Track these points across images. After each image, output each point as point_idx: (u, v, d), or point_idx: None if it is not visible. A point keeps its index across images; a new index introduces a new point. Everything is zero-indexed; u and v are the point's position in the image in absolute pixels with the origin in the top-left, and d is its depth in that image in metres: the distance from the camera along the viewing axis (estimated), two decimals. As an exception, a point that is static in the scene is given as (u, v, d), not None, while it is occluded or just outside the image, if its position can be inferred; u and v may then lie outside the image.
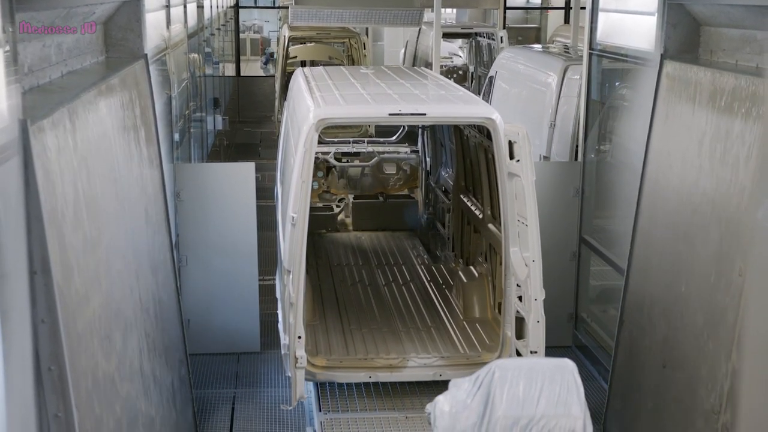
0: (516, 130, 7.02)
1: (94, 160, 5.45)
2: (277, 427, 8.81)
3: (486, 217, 9.06)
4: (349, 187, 12.87)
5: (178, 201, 9.94)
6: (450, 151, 11.03)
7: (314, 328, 8.51)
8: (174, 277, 8.17)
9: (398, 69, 11.19)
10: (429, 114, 7.53)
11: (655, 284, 7.51)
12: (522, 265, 7.08)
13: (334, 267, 10.88)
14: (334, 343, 8.24)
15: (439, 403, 5.05)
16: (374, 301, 9.56)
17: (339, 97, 8.11)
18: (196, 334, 10.01)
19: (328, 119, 7.24)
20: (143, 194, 7.12)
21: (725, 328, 6.05)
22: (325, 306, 9.36)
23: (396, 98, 8.04)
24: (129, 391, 5.72)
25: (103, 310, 5.22)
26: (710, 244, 6.55)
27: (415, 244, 11.86)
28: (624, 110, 9.28)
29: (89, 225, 5.19)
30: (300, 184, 6.94)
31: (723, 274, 6.23)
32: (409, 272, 10.59)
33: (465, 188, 10.28)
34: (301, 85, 9.23)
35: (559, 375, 5.02)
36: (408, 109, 7.44)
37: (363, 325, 8.77)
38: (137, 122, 7.14)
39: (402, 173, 12.76)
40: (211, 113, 19.15)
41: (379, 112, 7.65)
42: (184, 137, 13.04)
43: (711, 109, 6.78)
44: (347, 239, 12.26)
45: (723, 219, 6.40)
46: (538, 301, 6.90)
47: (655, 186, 7.65)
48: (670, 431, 6.93)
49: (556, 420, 4.98)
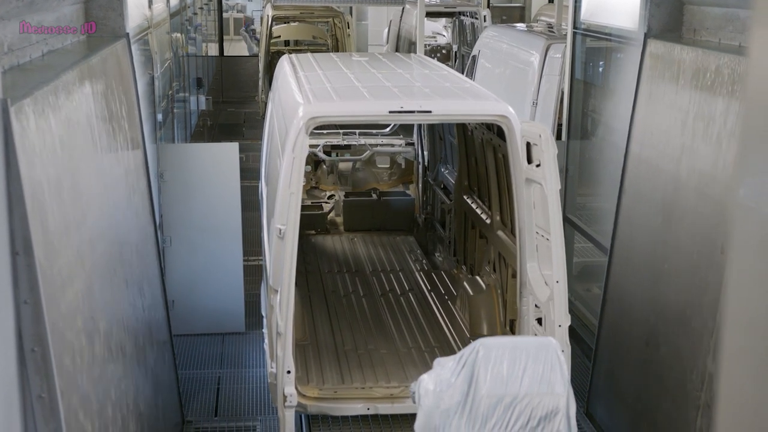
0: (537, 131, 6.16)
1: (75, 141, 5.42)
2: (262, 407, 8.82)
3: (495, 224, 8.03)
4: (340, 183, 11.90)
5: (162, 181, 9.90)
6: (450, 145, 10.09)
7: (304, 350, 7.57)
8: (158, 257, 8.15)
9: (394, 57, 10.31)
10: (435, 111, 6.59)
11: (639, 263, 7.54)
12: (541, 284, 6.27)
13: (324, 274, 9.84)
14: (327, 369, 7.28)
15: (424, 382, 5.06)
16: (370, 316, 8.55)
17: (331, 91, 7.17)
18: (180, 315, 10.00)
19: (319, 117, 6.37)
20: (126, 175, 7.08)
21: (708, 306, 6.09)
22: (316, 321, 8.38)
23: (396, 92, 7.12)
24: (113, 372, 5.72)
25: (87, 291, 5.21)
26: (693, 223, 6.58)
27: (412, 247, 10.84)
28: (607, 89, 9.29)
29: (72, 206, 5.16)
30: (288, 196, 6.03)
31: (705, 253, 6.27)
32: (407, 280, 9.57)
33: (469, 188, 9.26)
34: (287, 75, 8.34)
35: (542, 353, 5.04)
36: (411, 106, 6.51)
37: (359, 344, 7.82)
38: (119, 102, 7.09)
39: (396, 167, 11.86)
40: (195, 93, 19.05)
41: (378, 109, 6.70)
42: (168, 117, 12.98)
43: (694, 87, 6.80)
44: (338, 242, 11.13)
45: (706, 197, 6.43)
46: (563, 327, 6.05)
47: (639, 165, 7.68)
48: (653, 408, 6.98)
49: (540, 398, 5.00)
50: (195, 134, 18.71)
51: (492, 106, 6.69)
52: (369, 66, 8.75)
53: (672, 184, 6.99)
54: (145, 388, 6.87)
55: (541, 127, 6.20)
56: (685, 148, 6.83)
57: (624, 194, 7.88)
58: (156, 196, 9.21)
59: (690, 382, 6.27)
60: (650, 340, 7.16)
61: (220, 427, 8.52)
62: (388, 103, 6.65)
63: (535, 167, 6.17)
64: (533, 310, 6.36)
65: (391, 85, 7.48)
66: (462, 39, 21.29)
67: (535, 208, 6.29)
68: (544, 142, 6.04)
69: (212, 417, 8.73)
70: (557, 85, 11.24)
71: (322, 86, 7.37)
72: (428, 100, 6.84)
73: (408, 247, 10.79)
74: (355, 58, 9.78)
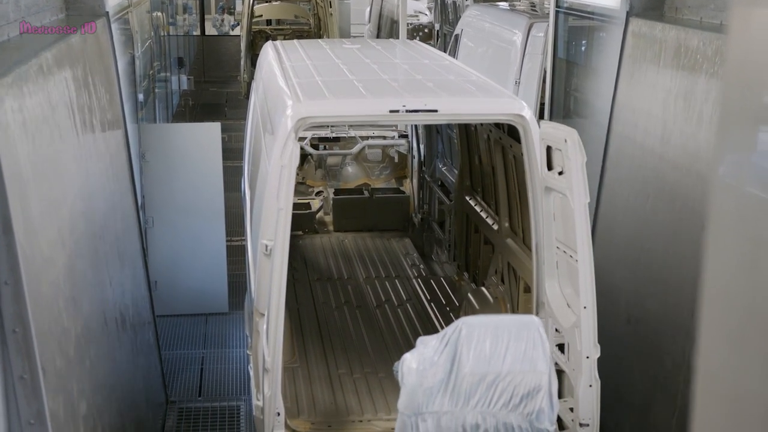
0: (561, 135, 5.29)
1: (55, 121, 5.37)
2: (246, 387, 8.83)
3: (503, 231, 7.28)
4: (328, 179, 11.08)
5: (143, 162, 9.85)
6: (449, 139, 9.43)
7: (293, 374, 6.85)
8: (140, 238, 8.12)
9: (389, 44, 9.45)
10: (442, 110, 5.73)
11: (620, 240, 7.58)
12: (563, 308, 5.60)
13: (313, 282, 9.03)
14: (319, 397, 6.57)
15: (407, 361, 5.07)
16: (365, 332, 7.78)
17: (322, 86, 6.36)
18: (163, 296, 9.99)
19: (310, 118, 5.58)
20: (107, 155, 7.03)
21: (688, 282, 6.13)
22: (306, 339, 7.61)
23: (396, 88, 6.37)
24: (96, 352, 5.70)
25: (69, 272, 5.18)
26: (674, 200, 6.61)
27: (408, 249, 10.04)
28: (590, 68, 9.29)
29: (52, 186, 5.13)
30: (276, 212, 5.22)
31: (686, 229, 6.31)
32: (404, 288, 8.82)
33: (471, 188, 8.47)
34: (273, 66, 7.52)
35: (524, 331, 5.06)
36: (414, 104, 5.67)
37: (354, 366, 7.09)
38: (99, 82, 7.03)
39: (389, 161, 10.96)
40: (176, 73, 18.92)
41: (377, 108, 5.82)
42: (149, 97, 12.89)
43: (676, 66, 6.81)
44: (328, 243, 10.30)
45: (688, 175, 6.46)
46: (591, 359, 5.32)
47: (621, 142, 7.70)
48: (635, 384, 7.04)
49: (522, 376, 5.03)
50: (177, 114, 18.61)
51: (507, 104, 5.92)
52: (362, 55, 7.98)
53: (654, 162, 7.02)
54: (128, 368, 6.86)
55: (567, 130, 5.30)
56: (666, 127, 6.85)
57: (606, 173, 7.91)
58: (138, 177, 9.16)
59: (670, 358, 6.32)
60: (632, 316, 7.21)
61: (203, 407, 8.53)
62: (388, 101, 5.82)
63: (557, 175, 5.39)
64: (553, 334, 5.64)
65: (389, 78, 6.74)
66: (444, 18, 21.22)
67: (555, 220, 5.58)
68: (570, 148, 5.17)
69: (196, 397, 8.74)
70: (540, 64, 11.22)
71: (312, 80, 6.60)
72: (434, 97, 5.95)
73: (403, 250, 10.02)
74: (346, 45, 9.08)
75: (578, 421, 5.38)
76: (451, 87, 6.54)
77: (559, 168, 5.37)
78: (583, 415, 5.36)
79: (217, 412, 8.45)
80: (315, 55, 7.90)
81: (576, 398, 5.40)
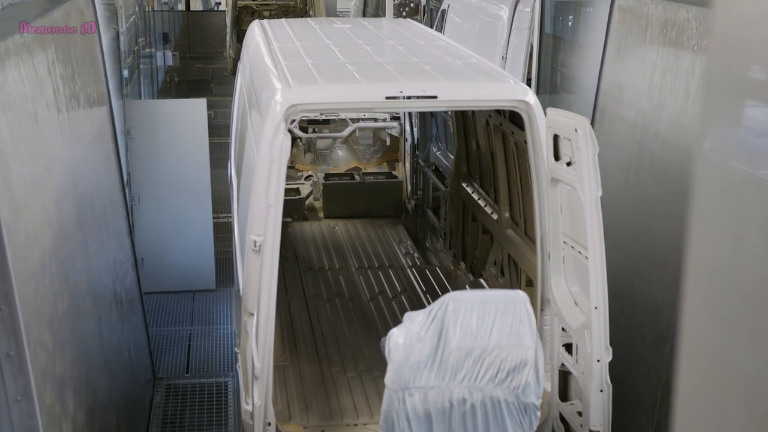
0: (571, 123, 4.95)
1: (38, 96, 5.33)
2: (233, 363, 8.85)
3: (503, 221, 7.02)
4: (318, 162, 10.81)
5: (129, 138, 9.81)
6: (444, 122, 9.04)
7: (284, 373, 6.52)
8: (126, 215, 8.09)
9: (380, 22, 9.10)
10: (442, 96, 5.42)
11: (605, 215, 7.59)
12: (570, 305, 5.33)
13: (304, 272, 8.69)
14: (311, 399, 6.24)
15: (394, 336, 5.09)
16: (359, 326, 7.43)
17: (313, 70, 6.01)
18: (150, 273, 9.98)
19: (301, 105, 5.26)
20: (91, 131, 6.99)
21: (673, 257, 6.16)
22: (297, 335, 7.26)
23: (392, 72, 6.01)
24: (83, 330, 5.70)
25: (55, 249, 5.16)
26: (661, 174, 6.63)
27: (401, 237, 9.73)
28: (576, 43, 9.28)
29: (36, 162, 5.10)
30: (266, 208, 4.85)
31: (672, 205, 6.33)
32: (398, 278, 8.50)
33: (468, 174, 8.19)
34: (260, 46, 7.18)
35: (511, 306, 5.07)
36: (412, 90, 5.37)
37: (348, 364, 6.75)
38: (83, 58, 6.98)
39: (380, 144, 10.67)
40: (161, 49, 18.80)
41: (373, 94, 5.49)
42: (134, 74, 12.81)
43: (662, 40, 6.81)
44: (318, 231, 9.98)
45: (674, 149, 6.47)
46: (602, 363, 5.07)
47: (608, 118, 7.70)
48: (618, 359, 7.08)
49: (509, 350, 5.05)
50: (162, 91, 18.51)
51: (510, 90, 5.61)
52: (354, 36, 7.61)
53: (641, 137, 7.03)
54: (115, 345, 6.86)
55: (577, 119, 4.94)
56: (653, 102, 6.85)
57: (592, 148, 7.92)
58: (123, 154, 9.12)
59: (654, 329, 6.36)
60: (617, 292, 7.25)
61: (191, 384, 8.55)
62: (384, 86, 5.49)
63: (564, 166, 5.07)
64: (559, 333, 5.37)
65: (385, 61, 6.39)
66: (431, -7, 21.12)
67: (562, 213, 5.28)
68: (581, 138, 4.85)
69: (183, 374, 8.76)
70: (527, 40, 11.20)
71: (302, 63, 6.25)
72: (433, 82, 5.66)
73: (396, 237, 9.71)
74: (336, 25, 8.74)
75: (588, 427, 5.16)
76: (451, 71, 6.21)
77: (567, 158, 5.05)
78: (593, 421, 5.12)
79: (205, 388, 8.47)
80: (304, 36, 7.57)
81: (586, 403, 5.16)
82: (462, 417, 5.12)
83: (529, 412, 5.14)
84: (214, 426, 7.90)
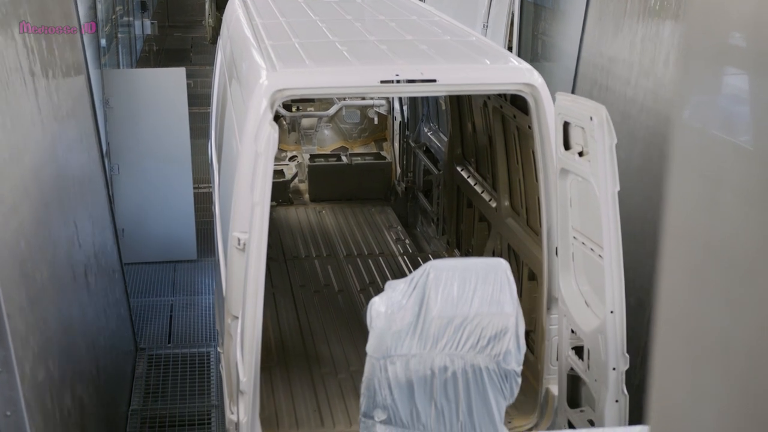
0: (586, 111, 4.44)
1: (12, 67, 5.27)
2: (215, 333, 8.86)
3: (503, 209, 6.60)
4: (303, 142, 10.32)
5: (107, 108, 9.73)
6: (435, 101, 8.56)
7: (271, 375, 6.07)
8: (105, 186, 8.05)
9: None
10: (441, 80, 4.99)
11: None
12: (582, 307, 4.89)
13: (289, 261, 8.19)
14: (301, 403, 5.82)
15: (375, 305, 5.09)
16: (349, 321, 7.01)
17: (300, 50, 5.53)
18: (131, 243, 9.94)
19: (288, 90, 4.80)
20: (69, 102, 6.93)
21: (651, 222, 6.20)
22: (284, 332, 6.79)
23: (386, 52, 5.53)
24: (63, 300, 5.68)
25: (34, 220, 5.13)
26: (640, 141, 6.65)
27: (391, 221, 9.27)
28: (558, 11, 9.25)
29: (11, 133, 5.05)
30: (251, 207, 4.36)
31: (653, 171, 6.36)
32: (389, 267, 8.10)
33: (463, 157, 7.75)
34: (241, 23, 6.70)
35: (492, 274, 5.08)
36: (409, 73, 4.93)
37: (338, 364, 6.33)
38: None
39: (368, 123, 10.18)
40: (139, 17, 18.61)
41: (366, 78, 5.03)
42: (111, 43, 12.68)
43: (643, 9, 6.80)
44: (304, 216, 9.45)
45: (656, 118, 6.49)
46: (618, 371, 4.59)
47: (588, 86, 7.70)
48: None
49: (490, 318, 5.07)
50: (141, 60, 18.35)
51: (515, 72, 5.16)
52: (343, 11, 7.14)
53: (621, 105, 7.04)
54: (96, 316, 6.85)
55: (593, 106, 4.44)
56: (633, 69, 6.86)
57: (573, 116, 7.93)
58: (102, 124, 9.05)
59: (636, 295, 6.41)
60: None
61: (173, 354, 8.56)
62: (379, 69, 5.05)
63: (576, 156, 4.60)
64: (568, 336, 4.97)
65: (377, 40, 5.90)
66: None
67: (572, 206, 4.84)
68: (597, 128, 4.34)
69: (166, 344, 8.76)
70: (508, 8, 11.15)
71: (288, 42, 5.78)
72: (431, 64, 5.19)
73: (386, 222, 9.25)
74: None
75: None
76: (449, 51, 5.69)
77: (578, 148, 4.58)
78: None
79: (187, 358, 8.48)
80: (289, 11, 7.13)
81: (599, 413, 4.72)
82: (443, 384, 5.16)
83: (509, 379, 5.18)
84: (196, 395, 7.92)
